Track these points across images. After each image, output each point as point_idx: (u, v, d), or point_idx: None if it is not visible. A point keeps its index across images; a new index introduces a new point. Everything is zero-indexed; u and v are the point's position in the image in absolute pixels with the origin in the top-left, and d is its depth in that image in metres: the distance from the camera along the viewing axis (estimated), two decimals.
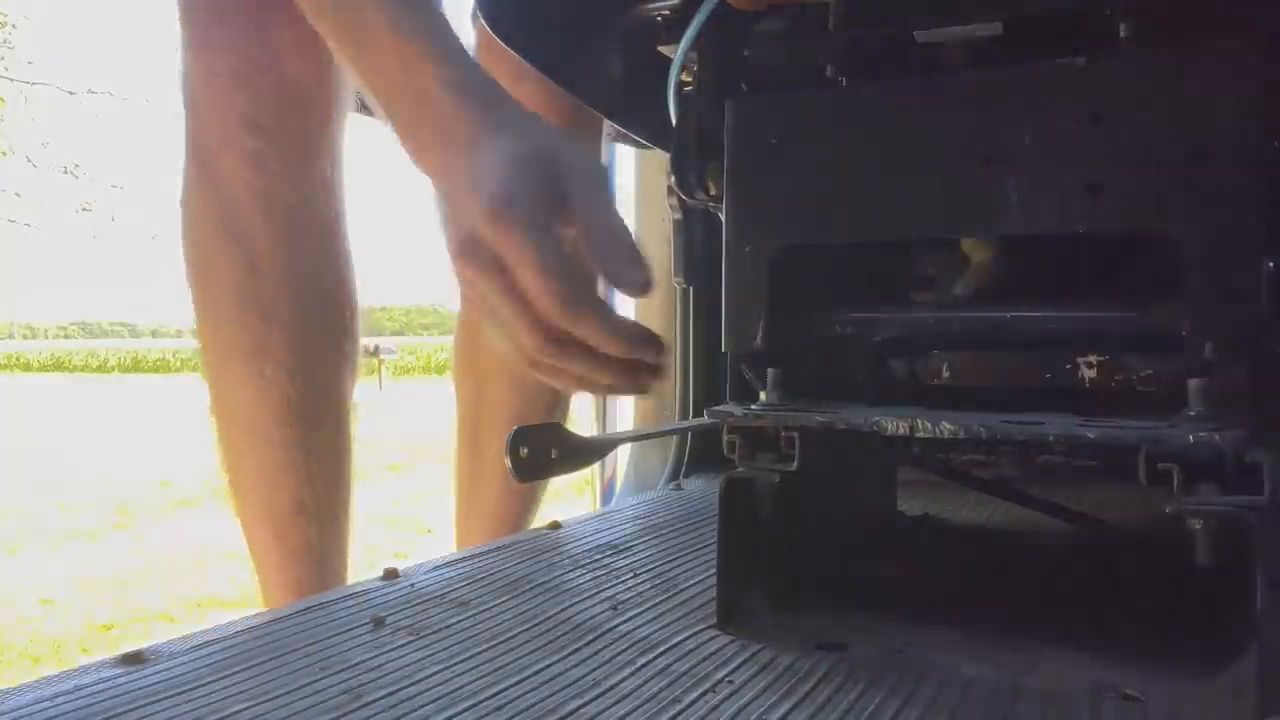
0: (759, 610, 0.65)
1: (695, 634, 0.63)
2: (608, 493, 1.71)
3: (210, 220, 0.93)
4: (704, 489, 1.12)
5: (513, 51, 0.83)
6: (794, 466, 0.62)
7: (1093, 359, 0.59)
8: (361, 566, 0.99)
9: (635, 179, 1.40)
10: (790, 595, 0.67)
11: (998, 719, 0.51)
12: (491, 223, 0.53)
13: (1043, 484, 1.00)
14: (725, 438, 0.65)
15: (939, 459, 0.94)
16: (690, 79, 0.74)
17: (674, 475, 1.23)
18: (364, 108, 1.03)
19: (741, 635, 0.63)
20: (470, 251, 0.54)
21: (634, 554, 0.82)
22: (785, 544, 0.67)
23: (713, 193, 0.73)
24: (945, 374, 0.67)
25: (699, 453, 1.23)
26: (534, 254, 0.53)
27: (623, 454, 1.59)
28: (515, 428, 0.61)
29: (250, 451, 0.95)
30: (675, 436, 1.24)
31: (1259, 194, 0.53)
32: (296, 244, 0.94)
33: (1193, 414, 0.51)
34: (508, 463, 0.61)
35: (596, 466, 1.78)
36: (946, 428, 0.55)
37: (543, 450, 0.62)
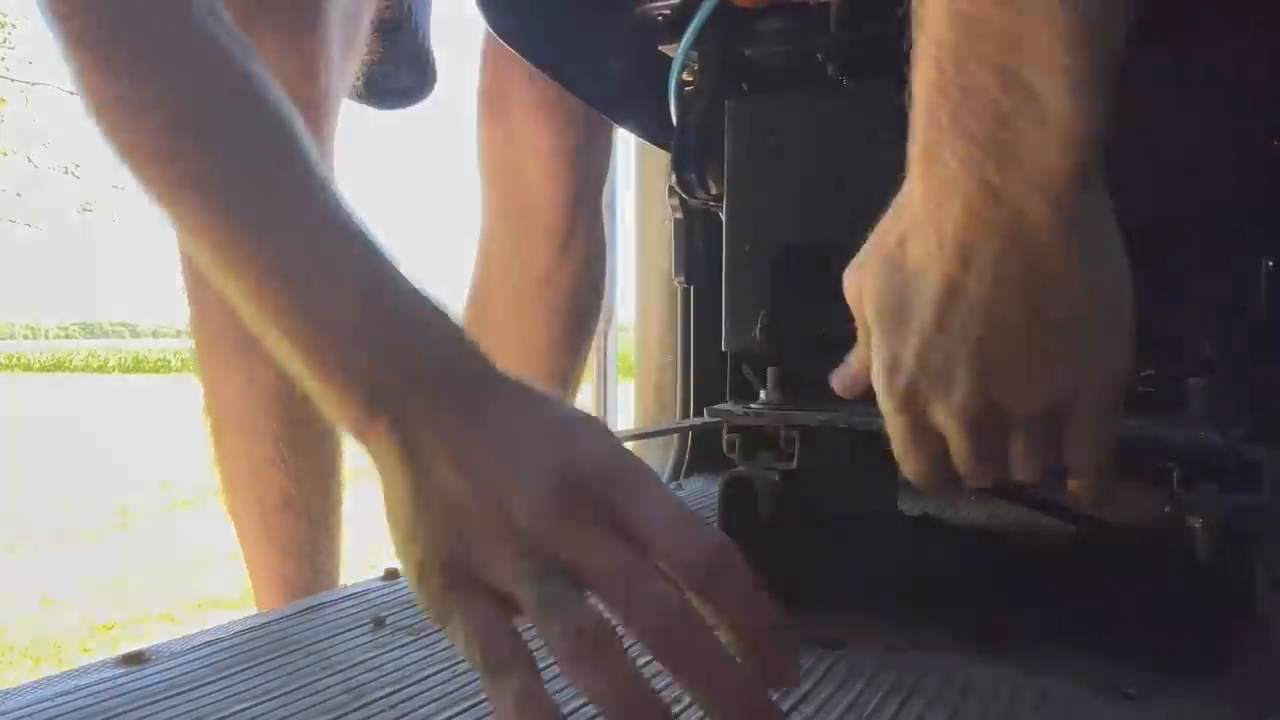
0: None
1: None
2: None
3: None
4: (704, 489, 1.12)
5: (513, 51, 0.83)
6: (794, 465, 0.62)
7: None
8: (362, 566, 0.99)
9: (635, 179, 1.40)
10: (789, 594, 0.67)
11: (997, 718, 0.51)
12: (554, 519, 0.41)
13: (1044, 485, 1.00)
14: (725, 437, 0.65)
15: None
16: (691, 78, 0.75)
17: (674, 475, 1.22)
18: (360, 96, 1.02)
19: None
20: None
21: None
22: (784, 543, 0.67)
23: (713, 192, 0.73)
24: None
25: (699, 453, 1.22)
26: (610, 556, 0.40)
27: None
28: None
29: (240, 446, 0.95)
30: (675, 436, 1.24)
31: (1260, 193, 0.53)
32: None
33: (1193, 413, 0.51)
34: None
35: None
36: None
37: None
